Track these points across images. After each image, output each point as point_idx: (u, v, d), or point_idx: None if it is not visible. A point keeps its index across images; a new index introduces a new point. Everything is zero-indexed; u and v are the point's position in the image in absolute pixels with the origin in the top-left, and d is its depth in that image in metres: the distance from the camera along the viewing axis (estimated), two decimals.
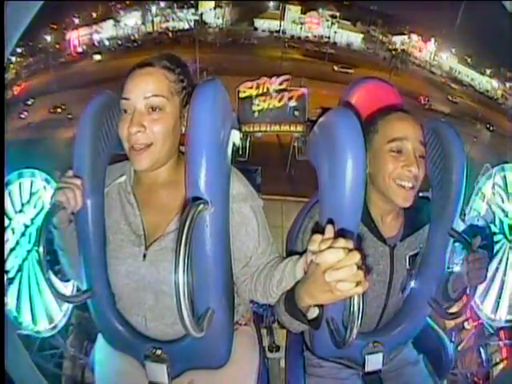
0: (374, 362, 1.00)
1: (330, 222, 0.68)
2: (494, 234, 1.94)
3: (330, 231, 0.62)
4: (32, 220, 1.66)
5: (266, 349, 1.70)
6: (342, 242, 0.58)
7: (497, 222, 1.94)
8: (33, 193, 1.66)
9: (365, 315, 0.97)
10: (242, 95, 10.84)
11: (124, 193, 0.89)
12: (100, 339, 1.01)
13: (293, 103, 11.02)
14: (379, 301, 1.00)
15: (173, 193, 0.86)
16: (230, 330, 0.91)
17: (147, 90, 0.80)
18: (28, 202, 1.64)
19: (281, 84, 11.05)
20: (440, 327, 1.22)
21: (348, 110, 0.81)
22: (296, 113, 10.98)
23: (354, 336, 0.68)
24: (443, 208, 0.94)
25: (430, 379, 1.09)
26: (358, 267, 0.57)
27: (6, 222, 1.52)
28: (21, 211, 1.61)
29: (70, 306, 1.78)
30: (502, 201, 1.93)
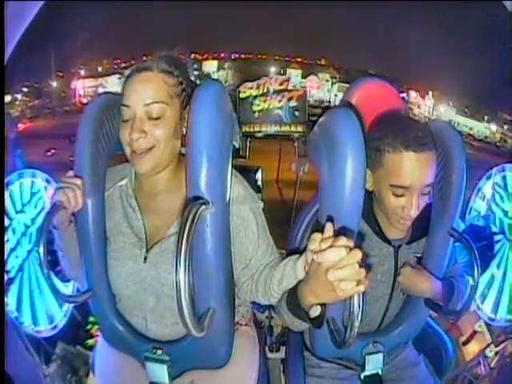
0: (374, 363, 1.00)
1: (330, 220, 0.67)
2: (494, 233, 1.94)
3: (329, 229, 0.62)
4: (33, 220, 1.65)
5: (266, 349, 1.70)
6: (343, 241, 0.58)
7: (497, 222, 1.94)
8: (33, 193, 1.66)
9: (367, 316, 0.98)
10: (242, 95, 10.81)
11: (125, 196, 0.89)
12: (100, 339, 1.01)
13: (293, 103, 11.01)
14: (382, 301, 1.00)
15: (174, 196, 0.86)
16: (231, 330, 0.91)
17: (147, 96, 0.80)
18: (29, 202, 1.64)
19: (281, 84, 11.03)
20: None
21: (348, 110, 0.80)
22: (296, 113, 10.97)
23: (354, 336, 0.68)
24: (443, 208, 0.94)
25: (430, 379, 1.09)
26: (360, 266, 0.57)
27: (7, 222, 1.52)
28: (21, 211, 1.61)
29: (70, 306, 1.78)
30: (502, 201, 1.93)
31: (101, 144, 0.85)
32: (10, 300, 1.54)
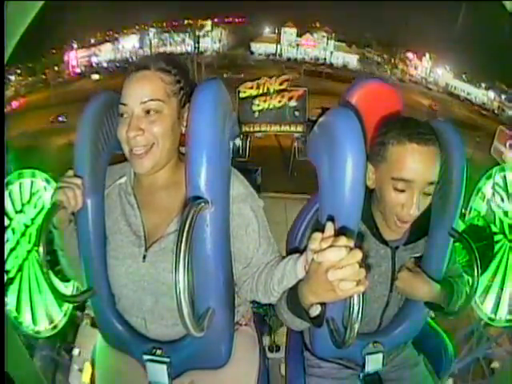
0: (374, 362, 1.00)
1: (331, 219, 0.67)
2: (494, 233, 1.94)
3: (330, 229, 0.62)
4: (32, 220, 1.66)
5: (266, 349, 1.70)
6: (343, 241, 0.58)
7: (497, 222, 1.94)
8: (33, 193, 1.66)
9: (366, 316, 0.98)
10: (242, 95, 10.84)
11: (124, 194, 0.89)
12: (100, 339, 1.00)
13: (293, 103, 11.01)
14: (380, 302, 1.00)
15: (173, 194, 0.86)
16: (231, 330, 0.91)
17: (144, 94, 0.80)
18: (28, 202, 1.64)
19: (281, 84, 11.04)
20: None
21: (348, 110, 0.80)
22: (296, 113, 10.98)
23: (354, 336, 0.68)
24: (443, 208, 0.94)
25: (430, 379, 1.09)
26: (360, 266, 0.57)
27: (7, 221, 1.52)
28: (21, 211, 1.61)
29: (70, 305, 1.78)
30: (502, 201, 1.93)
31: (100, 143, 0.85)
32: (10, 300, 1.54)
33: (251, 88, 10.96)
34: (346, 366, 1.06)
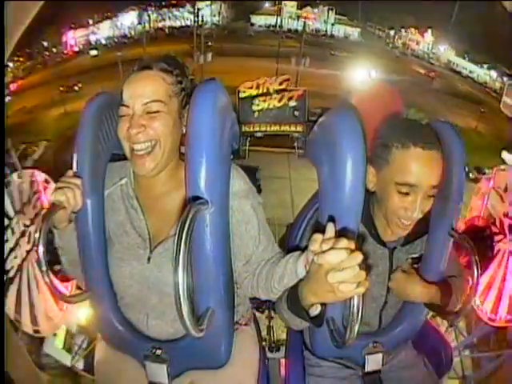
0: (373, 362, 1.00)
1: (331, 220, 0.67)
2: (494, 233, 1.94)
3: (331, 230, 0.61)
4: (32, 220, 1.66)
5: (266, 349, 1.70)
6: (344, 243, 0.58)
7: (497, 222, 1.94)
8: (33, 193, 1.66)
9: (364, 317, 0.98)
10: (241, 95, 10.83)
11: (127, 197, 0.89)
12: (100, 339, 1.00)
13: (293, 103, 11.01)
14: (378, 302, 1.00)
15: (175, 196, 0.87)
16: (231, 330, 0.91)
17: (145, 95, 0.80)
18: (28, 202, 1.64)
19: (281, 84, 11.04)
20: None
21: (348, 110, 0.80)
22: (296, 113, 10.97)
23: (354, 336, 0.68)
24: (443, 208, 0.94)
25: (429, 379, 1.09)
26: (360, 268, 0.57)
27: (6, 222, 1.52)
28: (21, 211, 1.61)
29: (70, 306, 1.78)
30: (502, 201, 1.93)
31: (100, 144, 0.85)
32: (10, 300, 1.54)
33: (251, 88, 10.95)
34: (346, 366, 1.06)
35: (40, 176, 1.69)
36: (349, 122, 0.78)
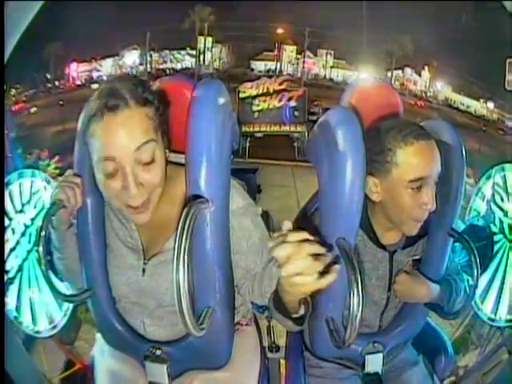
0: (373, 363, 1.00)
1: (331, 220, 0.67)
2: (494, 233, 1.94)
3: (286, 226, 0.60)
4: (32, 220, 1.65)
5: (266, 349, 1.70)
6: (293, 236, 0.56)
7: (497, 222, 1.94)
8: (33, 193, 1.66)
9: (365, 319, 0.98)
10: (241, 95, 10.83)
11: None
12: (100, 339, 1.00)
13: (293, 103, 11.02)
14: (379, 305, 1.00)
15: (169, 208, 0.83)
16: (231, 330, 0.91)
17: (134, 140, 0.70)
18: (28, 201, 1.64)
19: (281, 84, 11.04)
20: None
21: (348, 110, 0.81)
22: (296, 113, 10.97)
23: (354, 336, 0.68)
24: (443, 208, 0.94)
25: (429, 379, 1.09)
26: (317, 259, 0.55)
27: (6, 221, 1.52)
28: (21, 211, 1.61)
29: (70, 305, 1.78)
30: (502, 201, 1.93)
31: None
32: (10, 300, 1.53)
33: (251, 88, 10.96)
34: (346, 366, 1.06)
35: (40, 175, 1.69)
36: (349, 122, 0.78)
